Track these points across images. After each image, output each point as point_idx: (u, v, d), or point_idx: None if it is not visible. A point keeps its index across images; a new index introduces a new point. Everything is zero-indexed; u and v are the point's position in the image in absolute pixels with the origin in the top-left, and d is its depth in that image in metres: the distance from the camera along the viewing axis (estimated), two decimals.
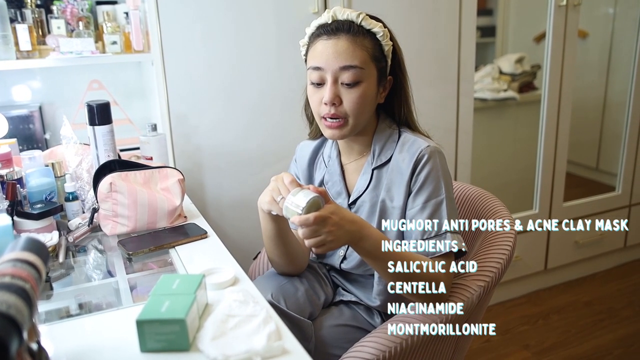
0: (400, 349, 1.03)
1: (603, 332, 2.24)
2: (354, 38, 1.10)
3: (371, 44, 1.12)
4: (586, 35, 3.33)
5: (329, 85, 1.11)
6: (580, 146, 3.35)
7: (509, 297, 2.52)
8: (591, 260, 2.70)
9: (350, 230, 1.01)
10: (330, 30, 1.11)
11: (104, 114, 1.37)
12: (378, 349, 1.03)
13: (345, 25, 1.11)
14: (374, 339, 1.05)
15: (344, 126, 1.14)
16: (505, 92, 2.85)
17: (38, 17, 1.69)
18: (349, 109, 1.12)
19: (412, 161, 1.14)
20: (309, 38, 1.17)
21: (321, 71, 1.11)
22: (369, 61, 1.12)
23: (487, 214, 1.38)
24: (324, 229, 0.97)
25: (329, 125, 1.14)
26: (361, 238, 1.03)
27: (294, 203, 0.96)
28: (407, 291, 1.08)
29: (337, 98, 1.11)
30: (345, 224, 1.00)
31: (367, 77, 1.12)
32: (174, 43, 1.66)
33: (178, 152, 1.73)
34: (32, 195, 1.27)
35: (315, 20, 1.15)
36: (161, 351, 0.83)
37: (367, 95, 1.13)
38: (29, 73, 1.81)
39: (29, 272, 0.69)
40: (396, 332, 1.04)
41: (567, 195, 2.56)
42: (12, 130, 1.70)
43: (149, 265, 1.20)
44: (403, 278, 1.06)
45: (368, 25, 1.12)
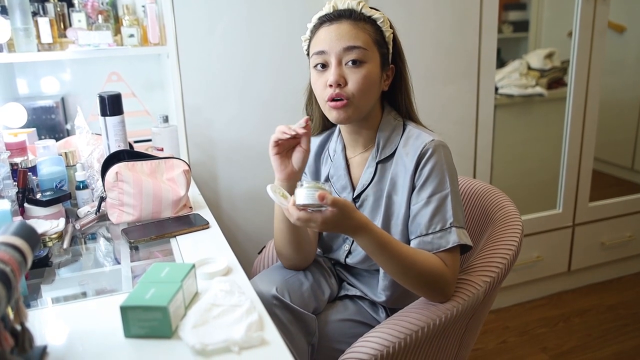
0: (404, 344, 1.03)
1: (626, 338, 2.17)
2: (355, 22, 1.12)
3: (372, 29, 1.13)
4: (623, 30, 3.21)
5: (334, 67, 1.11)
6: (615, 145, 3.24)
7: (529, 298, 2.46)
8: (618, 263, 2.61)
9: (351, 225, 1.00)
10: (332, 17, 1.13)
11: (115, 105, 1.41)
12: (382, 344, 1.03)
13: (347, 12, 1.12)
14: (378, 334, 1.05)
15: (348, 106, 1.12)
16: (533, 88, 2.77)
17: (60, 10, 1.74)
18: (354, 89, 1.11)
19: (415, 155, 1.13)
20: (311, 31, 1.18)
21: (325, 55, 1.12)
22: (371, 44, 1.12)
23: (495, 210, 1.36)
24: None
25: (334, 106, 1.12)
26: (360, 228, 1.01)
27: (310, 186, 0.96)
28: (411, 285, 1.08)
29: (342, 79, 1.11)
30: (348, 217, 0.99)
31: (371, 59, 1.12)
32: (189, 37, 1.69)
33: (192, 144, 1.76)
34: (43, 183, 1.32)
35: (317, 14, 1.16)
36: (144, 337, 0.85)
37: (371, 77, 1.12)
38: (53, 65, 1.87)
39: (12, 256, 0.72)
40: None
41: (599, 194, 2.48)
42: (35, 120, 1.77)
43: (154, 253, 1.22)
44: (407, 272, 1.05)
45: (368, 12, 1.13)
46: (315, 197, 0.92)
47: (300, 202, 0.94)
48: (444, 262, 1.08)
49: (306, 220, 0.96)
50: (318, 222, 0.96)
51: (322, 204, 0.93)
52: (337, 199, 0.95)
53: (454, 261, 1.09)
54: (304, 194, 0.93)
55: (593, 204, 2.46)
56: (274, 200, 1.00)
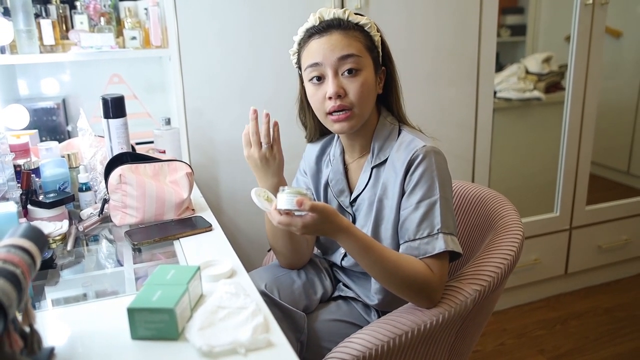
0: (387, 347, 1.03)
1: (623, 341, 2.18)
2: (345, 31, 1.12)
3: (362, 36, 1.14)
4: (620, 35, 3.23)
5: (331, 79, 1.11)
6: (612, 149, 3.26)
7: (527, 300, 2.47)
8: (614, 266, 2.63)
9: (331, 228, 1.02)
10: (321, 29, 1.13)
11: (118, 107, 1.41)
12: (365, 346, 1.03)
13: (335, 22, 1.13)
14: (362, 336, 1.05)
15: (351, 117, 1.13)
16: (531, 92, 2.79)
17: (62, 12, 1.74)
18: (355, 98, 1.12)
19: (406, 161, 1.13)
20: (299, 44, 1.19)
21: (319, 67, 1.12)
22: (364, 50, 1.14)
23: (496, 217, 1.35)
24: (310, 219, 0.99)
25: (337, 119, 1.13)
26: (341, 231, 1.03)
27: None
28: (396, 289, 1.08)
29: (341, 89, 1.12)
30: (329, 221, 1.01)
31: (365, 66, 1.13)
32: (190, 39, 1.70)
33: (193, 146, 1.77)
34: (46, 184, 1.32)
35: (302, 27, 1.17)
36: (151, 339, 0.85)
37: (369, 83, 1.14)
38: (55, 67, 1.87)
39: (22, 258, 0.73)
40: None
41: (595, 198, 2.50)
42: (36, 121, 1.77)
43: (157, 255, 1.23)
44: (390, 276, 1.06)
45: (355, 19, 1.14)
46: (294, 203, 0.96)
47: (280, 207, 0.98)
48: (429, 268, 1.08)
49: (287, 224, 0.99)
50: (298, 226, 0.99)
51: (299, 209, 0.96)
52: (316, 204, 0.97)
53: (441, 267, 1.09)
54: (284, 199, 0.97)
55: (590, 207, 2.48)
56: (257, 205, 1.03)
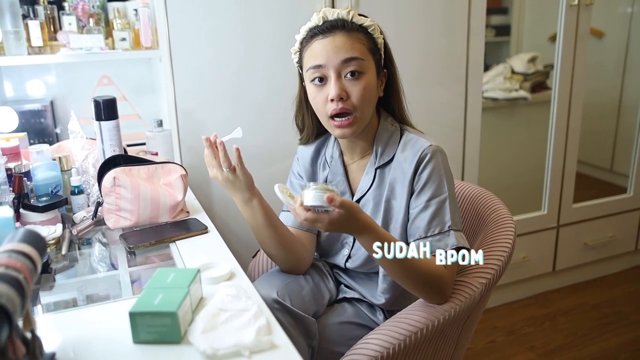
0: (404, 345, 1.05)
1: (610, 336, 2.22)
2: (349, 33, 1.12)
3: (365, 38, 1.14)
4: (602, 35, 3.29)
5: (334, 81, 1.11)
6: (595, 148, 3.31)
7: (516, 298, 2.50)
8: (601, 263, 2.68)
9: (357, 226, 1.01)
10: (324, 30, 1.12)
11: (110, 109, 1.40)
12: (382, 346, 1.04)
13: (339, 23, 1.12)
14: (378, 336, 1.06)
15: (353, 123, 1.13)
16: (517, 92, 2.83)
17: (50, 13, 1.72)
18: (357, 101, 1.12)
19: (414, 160, 1.14)
20: (301, 43, 1.18)
21: (322, 68, 1.12)
22: (367, 53, 1.13)
23: (488, 213, 1.39)
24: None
25: (339, 125, 1.13)
26: (365, 229, 1.02)
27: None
28: (411, 286, 1.09)
29: (344, 92, 1.11)
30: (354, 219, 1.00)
31: (368, 69, 1.13)
32: (181, 40, 1.68)
33: (185, 148, 1.76)
34: (38, 188, 1.30)
35: (305, 25, 1.16)
36: (153, 343, 0.85)
37: (371, 87, 1.14)
38: (42, 68, 1.85)
39: (24, 263, 0.72)
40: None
41: (580, 196, 2.54)
42: (24, 124, 1.74)
43: (151, 259, 1.22)
44: (408, 273, 1.06)
45: (359, 20, 1.14)
46: (324, 199, 0.93)
47: (308, 204, 0.95)
48: (443, 265, 1.10)
49: (313, 221, 0.97)
50: (325, 223, 0.96)
51: (329, 206, 0.94)
52: (345, 201, 0.96)
53: (452, 264, 1.11)
54: (312, 196, 0.94)
55: (576, 205, 2.51)
56: (282, 200, 1.00)
